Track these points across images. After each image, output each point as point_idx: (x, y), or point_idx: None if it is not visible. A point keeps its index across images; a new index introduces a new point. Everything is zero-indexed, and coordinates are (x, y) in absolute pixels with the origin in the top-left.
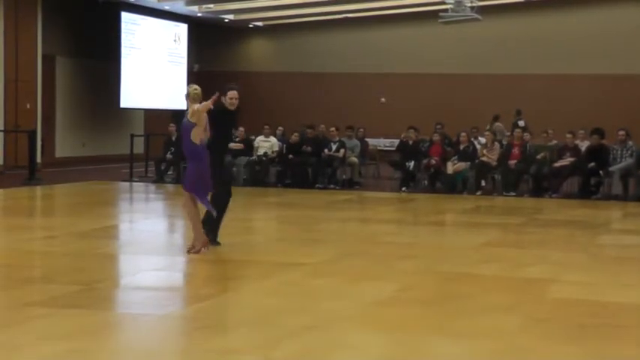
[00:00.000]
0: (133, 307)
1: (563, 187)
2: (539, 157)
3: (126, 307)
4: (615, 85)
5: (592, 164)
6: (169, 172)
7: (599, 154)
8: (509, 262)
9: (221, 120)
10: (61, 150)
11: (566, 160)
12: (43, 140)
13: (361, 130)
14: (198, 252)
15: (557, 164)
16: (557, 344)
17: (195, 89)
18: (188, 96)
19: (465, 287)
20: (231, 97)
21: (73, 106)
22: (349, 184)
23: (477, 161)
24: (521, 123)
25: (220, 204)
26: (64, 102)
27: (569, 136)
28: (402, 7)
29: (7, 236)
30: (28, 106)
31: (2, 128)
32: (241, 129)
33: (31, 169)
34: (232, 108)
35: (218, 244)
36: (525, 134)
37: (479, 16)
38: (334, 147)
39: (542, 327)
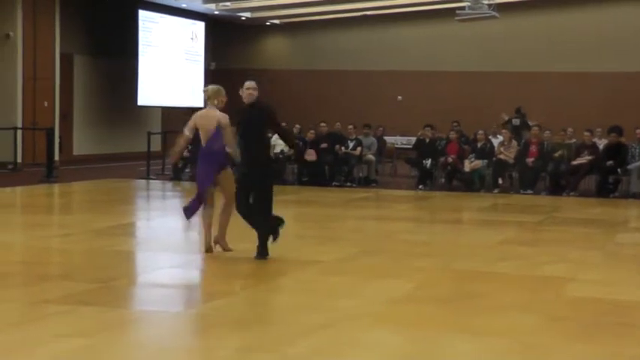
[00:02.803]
0: (150, 304)
1: (581, 186)
2: (556, 155)
3: (142, 304)
4: (634, 83)
5: (610, 162)
6: (186, 170)
7: (617, 152)
8: (526, 260)
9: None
10: (79, 147)
11: (584, 158)
12: (60, 138)
13: (380, 128)
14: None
15: (574, 162)
16: (573, 343)
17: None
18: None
19: (482, 285)
20: (248, 88)
21: (90, 103)
22: (366, 182)
23: (494, 159)
24: (515, 122)
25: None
26: (81, 100)
27: (587, 134)
28: (420, 4)
29: (25, 233)
30: (46, 104)
31: (20, 126)
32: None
33: (48, 166)
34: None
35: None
36: (546, 132)
37: (496, 14)
38: (351, 145)
39: (559, 325)
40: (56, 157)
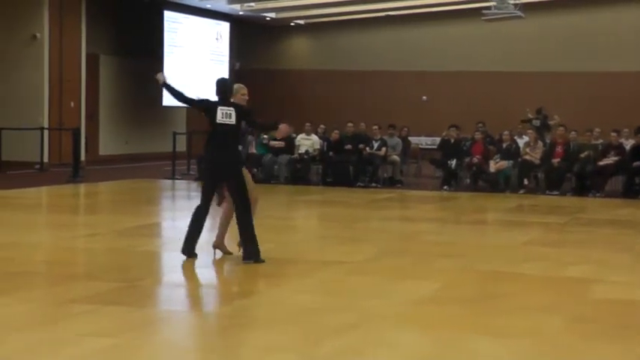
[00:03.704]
0: (175, 304)
1: (607, 186)
2: (582, 155)
3: (167, 304)
4: None
5: (637, 163)
6: None
7: None
8: (551, 261)
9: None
10: (105, 148)
11: (611, 159)
12: (86, 138)
13: (405, 129)
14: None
15: (601, 163)
16: (599, 344)
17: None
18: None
19: (506, 286)
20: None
21: (116, 104)
22: (390, 183)
23: (519, 160)
24: (535, 122)
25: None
26: (107, 100)
27: (613, 134)
28: (444, 4)
29: (51, 233)
30: (73, 104)
31: (47, 126)
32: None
33: (75, 166)
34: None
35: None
36: (572, 133)
37: (522, 14)
38: (376, 145)
39: (584, 327)
40: (82, 158)
